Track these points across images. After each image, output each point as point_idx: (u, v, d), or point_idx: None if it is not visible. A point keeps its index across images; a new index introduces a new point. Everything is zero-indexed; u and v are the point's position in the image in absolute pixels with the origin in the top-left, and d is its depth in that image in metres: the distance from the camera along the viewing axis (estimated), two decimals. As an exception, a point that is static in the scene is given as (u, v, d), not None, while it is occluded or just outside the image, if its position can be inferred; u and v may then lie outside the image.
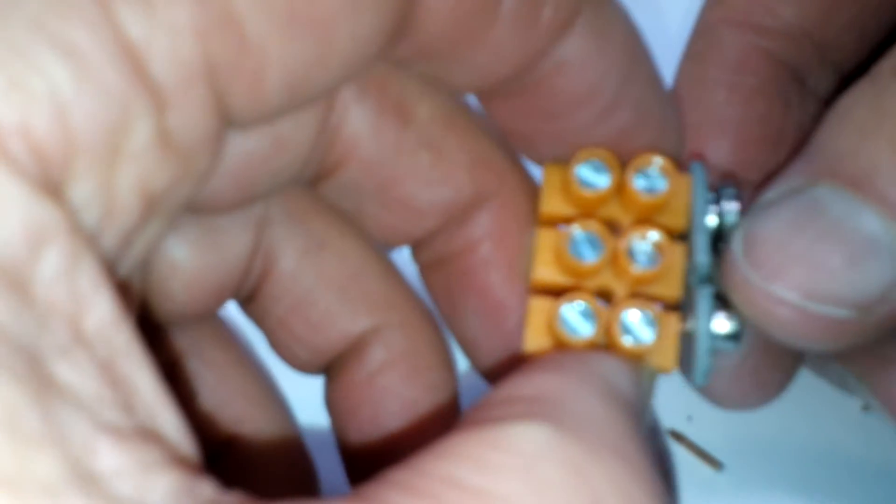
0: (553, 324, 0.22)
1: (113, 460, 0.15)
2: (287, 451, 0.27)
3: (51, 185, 0.15)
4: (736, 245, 0.22)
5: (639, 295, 0.23)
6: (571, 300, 0.22)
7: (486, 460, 0.16)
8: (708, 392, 0.27)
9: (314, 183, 0.24)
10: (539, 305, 0.23)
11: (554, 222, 0.23)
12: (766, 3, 0.26)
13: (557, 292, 0.23)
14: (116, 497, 0.14)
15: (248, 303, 0.26)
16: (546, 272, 0.23)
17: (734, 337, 0.23)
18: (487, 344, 0.25)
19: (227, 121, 0.18)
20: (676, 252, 0.23)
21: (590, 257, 0.22)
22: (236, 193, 0.23)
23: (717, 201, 0.24)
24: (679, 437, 0.33)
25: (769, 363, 0.26)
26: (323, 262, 0.26)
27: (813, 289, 0.21)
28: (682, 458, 0.34)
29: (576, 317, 0.22)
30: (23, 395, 0.14)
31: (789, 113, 0.26)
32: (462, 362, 0.27)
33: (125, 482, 0.15)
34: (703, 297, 0.22)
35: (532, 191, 0.25)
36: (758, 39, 0.26)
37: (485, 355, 0.25)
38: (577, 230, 0.22)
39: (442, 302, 0.26)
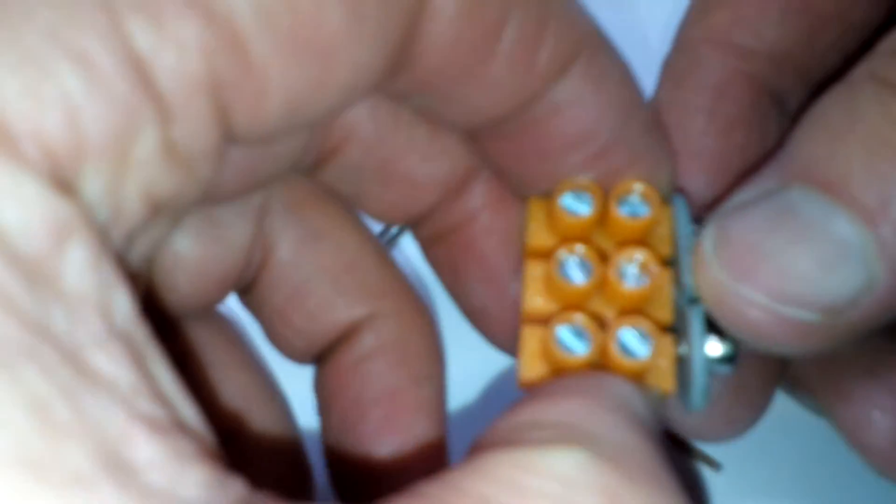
0: (548, 345, 0.22)
1: (148, 451, 0.15)
2: (285, 451, 0.27)
3: (64, 185, 0.16)
4: (707, 243, 0.22)
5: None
6: (566, 320, 0.22)
7: (522, 484, 0.16)
8: (681, 425, 0.27)
9: (315, 168, 0.25)
10: (531, 333, 0.23)
11: (540, 255, 0.23)
12: (749, 24, 0.26)
13: (548, 321, 0.23)
14: (150, 488, 0.14)
15: (246, 293, 0.27)
16: (536, 302, 0.23)
17: (728, 359, 0.23)
18: (495, 312, 0.26)
19: (229, 135, 0.19)
20: (664, 276, 0.23)
21: (579, 279, 0.22)
22: (239, 183, 0.23)
23: (699, 231, 0.23)
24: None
25: (740, 401, 0.26)
26: (319, 252, 0.26)
27: (782, 291, 0.21)
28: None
29: (570, 337, 0.22)
30: (53, 384, 0.14)
31: (768, 142, 0.26)
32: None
33: (159, 474, 0.15)
34: (695, 318, 0.22)
35: None
36: (739, 63, 0.26)
37: (494, 323, 0.26)
38: (564, 254, 0.22)
39: (446, 276, 0.26)
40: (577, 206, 0.23)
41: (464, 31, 0.20)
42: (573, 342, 0.22)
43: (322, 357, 0.27)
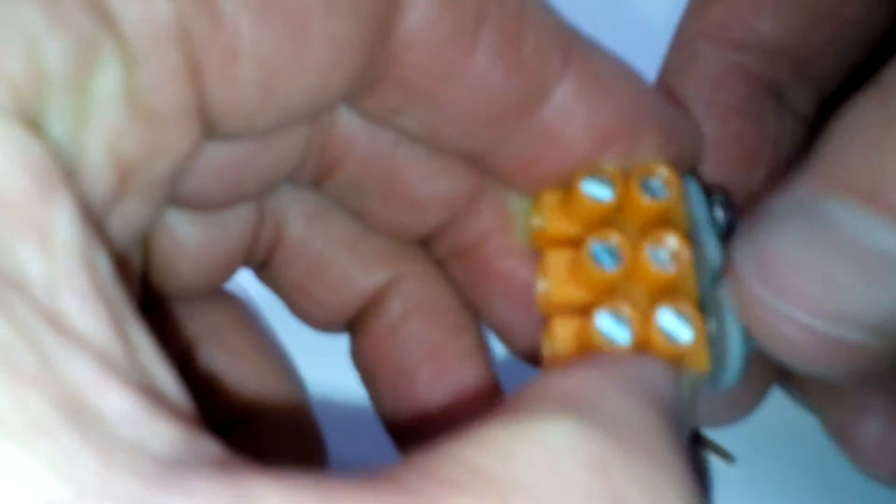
0: (587, 334, 0.22)
1: (116, 404, 0.15)
2: (300, 430, 0.27)
3: (33, 126, 0.16)
4: (744, 260, 0.22)
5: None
6: (607, 307, 0.22)
7: (510, 451, 0.16)
8: None
9: (316, 184, 0.25)
10: (563, 323, 0.23)
11: (559, 244, 0.23)
12: (745, 18, 0.26)
13: (576, 311, 0.23)
14: (117, 438, 0.14)
15: (262, 269, 0.27)
16: (565, 292, 0.23)
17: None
18: (520, 328, 0.25)
19: (202, 102, 0.19)
20: (689, 258, 0.23)
21: (611, 267, 0.22)
22: (223, 191, 0.23)
23: (711, 209, 0.24)
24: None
25: (742, 386, 0.26)
26: (330, 224, 0.26)
27: (825, 307, 0.20)
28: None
29: (612, 324, 0.22)
30: (18, 334, 0.14)
31: (766, 131, 0.26)
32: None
33: (127, 426, 0.15)
34: (728, 299, 0.22)
35: None
36: (735, 56, 0.26)
37: (520, 339, 0.26)
38: (594, 242, 0.22)
39: (468, 292, 0.26)
40: (599, 192, 0.23)
41: (442, 19, 0.20)
42: (615, 330, 0.22)
43: (353, 327, 0.27)
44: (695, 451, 0.33)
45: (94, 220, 0.17)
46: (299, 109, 0.21)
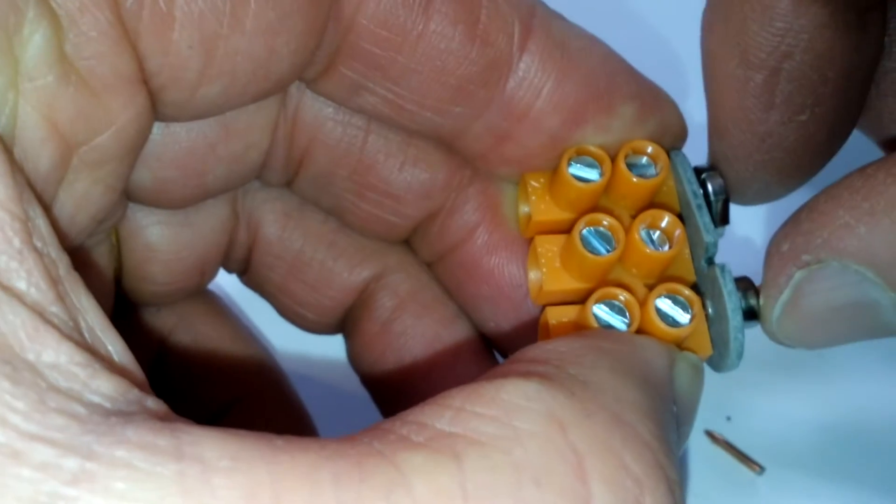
0: (583, 325, 0.21)
1: (53, 357, 0.15)
2: (285, 408, 0.27)
3: None
4: (773, 318, 0.22)
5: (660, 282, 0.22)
6: (603, 296, 0.21)
7: (463, 409, 0.16)
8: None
9: (288, 184, 0.24)
10: (557, 313, 0.22)
11: (546, 231, 0.23)
12: None
13: (570, 299, 0.22)
14: (52, 388, 0.14)
15: (244, 274, 0.26)
16: (558, 280, 0.22)
17: (754, 315, 0.22)
18: (510, 330, 0.24)
19: (140, 64, 0.19)
20: (682, 237, 0.22)
21: (604, 251, 0.22)
22: (188, 183, 0.23)
23: (701, 185, 0.23)
24: (719, 439, 0.33)
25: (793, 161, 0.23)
26: (307, 221, 0.25)
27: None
28: (721, 459, 0.33)
29: (607, 313, 0.21)
30: None
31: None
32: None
33: (64, 378, 0.15)
34: (725, 274, 0.22)
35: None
36: None
37: (512, 342, 0.25)
38: (584, 228, 0.22)
39: (457, 296, 0.25)
40: (586, 173, 0.22)
41: None
42: (612, 318, 0.21)
43: (347, 329, 0.27)
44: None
45: (31, 185, 0.17)
46: (246, 78, 0.20)
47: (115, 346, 0.16)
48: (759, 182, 0.23)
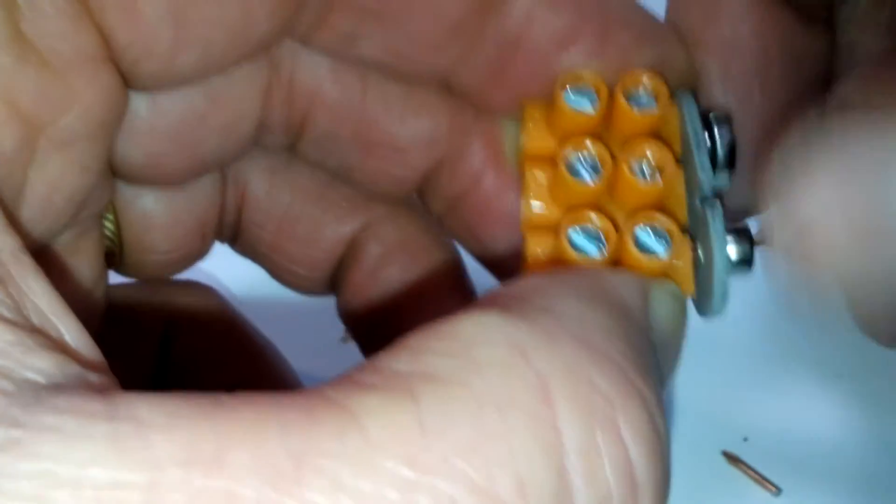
0: (559, 249, 0.21)
1: None
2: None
3: None
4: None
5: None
6: (578, 220, 0.21)
7: (420, 348, 0.15)
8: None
9: (291, 148, 0.24)
10: (536, 241, 0.22)
11: (540, 159, 0.22)
12: None
13: (555, 229, 0.21)
14: None
15: (236, 240, 0.26)
16: (538, 206, 0.22)
17: (746, 262, 0.21)
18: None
19: (106, 40, 0.18)
20: (677, 175, 0.21)
21: (589, 178, 0.21)
22: (180, 155, 0.22)
23: (707, 127, 0.22)
24: (736, 459, 0.33)
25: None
26: (294, 176, 0.25)
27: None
28: (738, 480, 0.33)
29: (583, 239, 0.21)
30: None
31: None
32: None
33: None
34: (715, 219, 0.21)
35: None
36: None
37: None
38: (571, 152, 0.21)
39: (470, 243, 0.25)
40: (580, 102, 0.22)
41: None
42: (587, 244, 0.21)
43: (336, 284, 0.26)
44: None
45: None
46: (223, 43, 0.20)
47: (66, 328, 0.16)
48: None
